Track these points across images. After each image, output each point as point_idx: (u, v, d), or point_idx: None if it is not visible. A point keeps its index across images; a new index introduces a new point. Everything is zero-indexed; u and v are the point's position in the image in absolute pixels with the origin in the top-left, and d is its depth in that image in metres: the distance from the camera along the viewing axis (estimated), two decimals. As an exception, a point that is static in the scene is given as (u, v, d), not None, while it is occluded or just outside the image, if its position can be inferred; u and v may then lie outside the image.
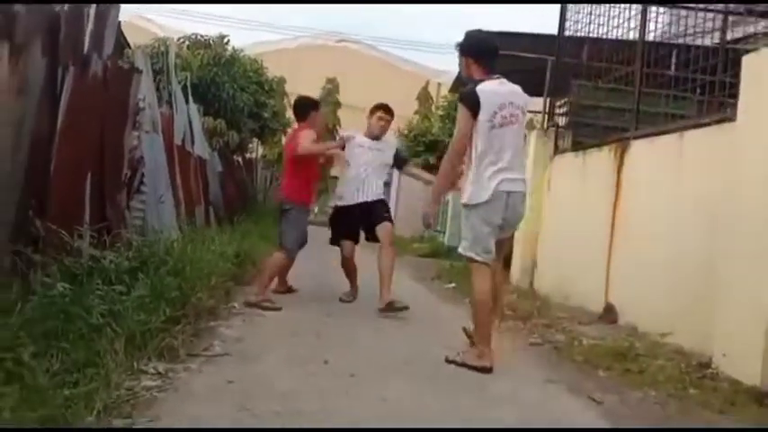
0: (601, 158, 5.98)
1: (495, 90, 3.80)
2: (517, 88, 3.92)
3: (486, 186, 3.75)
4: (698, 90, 4.95)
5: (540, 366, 4.11)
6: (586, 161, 6.30)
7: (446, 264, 9.57)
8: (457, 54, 4.03)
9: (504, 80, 3.86)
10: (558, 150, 7.20)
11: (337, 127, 29.74)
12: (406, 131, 16.38)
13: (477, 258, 3.82)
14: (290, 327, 4.54)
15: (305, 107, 6.05)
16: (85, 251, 3.67)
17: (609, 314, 5.51)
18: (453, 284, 7.70)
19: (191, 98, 10.19)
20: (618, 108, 6.42)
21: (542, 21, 10.98)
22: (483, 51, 3.94)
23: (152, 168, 7.36)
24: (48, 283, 3.29)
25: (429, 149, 15.73)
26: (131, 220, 6.28)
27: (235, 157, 16.90)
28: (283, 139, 27.77)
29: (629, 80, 6.21)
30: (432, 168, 16.21)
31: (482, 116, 3.71)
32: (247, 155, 18.81)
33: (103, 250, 4.40)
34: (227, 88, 12.44)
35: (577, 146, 6.69)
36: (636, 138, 5.52)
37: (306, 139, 5.50)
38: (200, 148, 10.38)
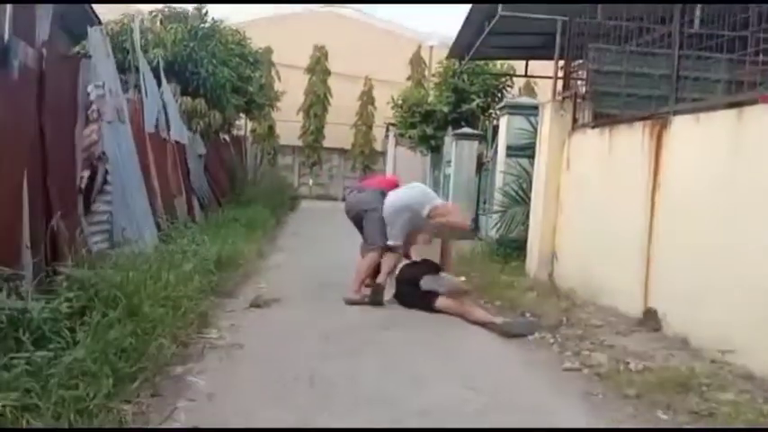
0: (632, 137, 5.14)
1: None
2: None
3: None
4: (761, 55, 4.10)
5: (584, 407, 3.35)
6: (614, 140, 5.46)
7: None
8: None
9: None
10: (576, 125, 6.34)
11: (328, 95, 28.62)
12: (399, 101, 15.40)
13: None
14: (277, 365, 3.75)
15: None
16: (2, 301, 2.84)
17: (650, 321, 4.74)
18: (464, 278, 6.92)
19: (164, 79, 9.25)
20: (649, 74, 5.54)
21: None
22: None
23: (118, 163, 6.51)
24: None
25: (425, 120, 14.79)
26: (90, 229, 5.49)
27: (222, 135, 15.98)
28: (272, 113, 26.90)
29: (661, 43, 5.33)
30: (428, 139, 15.34)
31: None
32: (235, 132, 17.80)
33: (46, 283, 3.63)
34: (205, 64, 11.41)
35: (601, 120, 5.83)
36: (677, 113, 4.67)
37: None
38: (178, 133, 9.48)
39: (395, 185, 6.07)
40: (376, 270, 5.70)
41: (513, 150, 8.00)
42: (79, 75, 5.04)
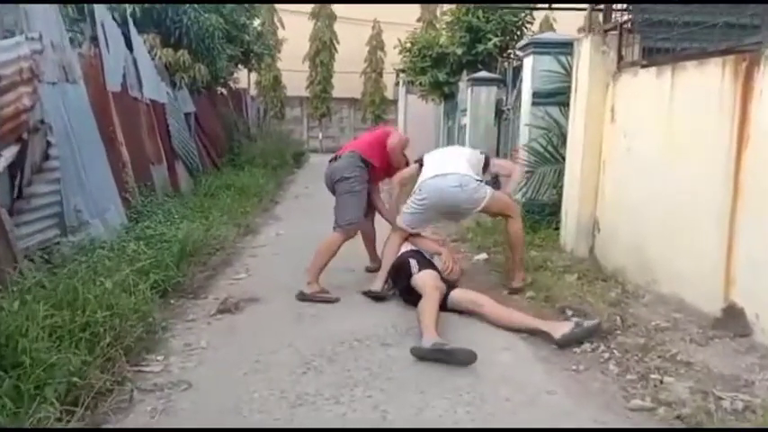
0: (706, 78, 3.89)
1: None
2: None
3: None
4: None
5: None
6: (678, 82, 4.21)
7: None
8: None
9: None
10: (623, 64, 5.08)
11: (334, 42, 27.04)
12: (408, 44, 13.97)
13: None
14: (232, 420, 2.70)
15: None
16: None
17: (733, 321, 3.59)
18: (485, 255, 5.81)
19: (133, 29, 8.02)
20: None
21: None
22: None
23: (67, 132, 5.43)
24: None
25: (437, 65, 13.39)
26: (26, 218, 4.48)
27: (219, 90, 14.78)
28: (277, 63, 25.37)
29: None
30: (441, 85, 13.96)
31: None
32: (234, 85, 16.52)
33: None
34: (188, 11, 10.13)
35: (658, 58, 4.57)
36: (776, 44, 3.42)
37: None
38: (153, 91, 8.31)
39: (380, 140, 4.94)
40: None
41: (539, 97, 6.71)
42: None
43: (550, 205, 6.31)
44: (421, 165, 4.80)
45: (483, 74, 10.61)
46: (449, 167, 4.57)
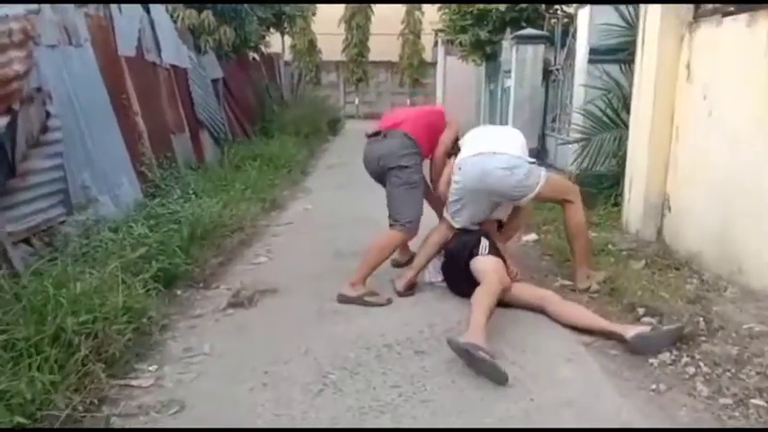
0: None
1: None
2: None
3: None
4: None
5: None
6: (779, 30, 3.44)
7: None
8: None
9: None
10: (702, 12, 4.29)
11: (370, 3, 26.07)
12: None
13: None
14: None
15: None
16: None
17: None
18: (535, 235, 5.15)
19: (150, -13, 7.45)
20: None
21: None
22: None
23: (71, 100, 4.95)
24: None
25: (478, 22, 12.49)
26: (22, 197, 4.04)
27: (251, 54, 14.20)
28: (312, 26, 24.60)
29: None
30: (483, 45, 13.05)
31: None
32: (266, 50, 15.87)
33: None
34: (213, -31, 9.54)
35: (748, 3, 3.78)
36: None
37: None
38: (174, 55, 7.78)
39: (431, 123, 4.08)
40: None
41: (597, 54, 5.91)
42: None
43: (609, 177, 5.58)
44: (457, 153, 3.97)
45: (529, 31, 9.74)
46: (498, 145, 3.80)
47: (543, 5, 11.04)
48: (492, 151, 3.74)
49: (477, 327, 2.90)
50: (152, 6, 7.31)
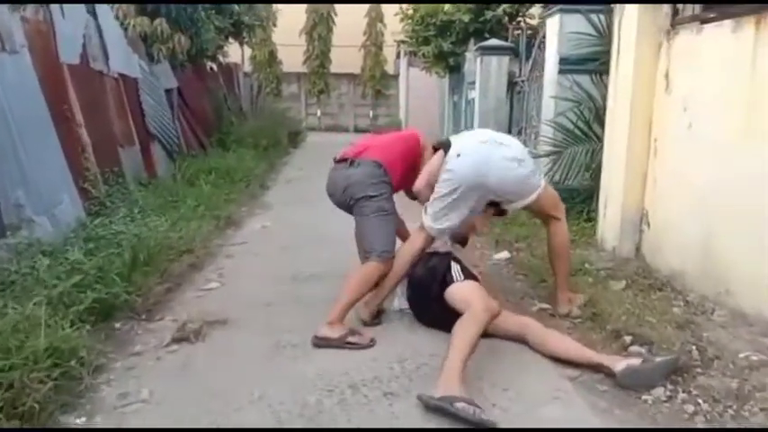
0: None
1: None
2: None
3: None
4: None
5: None
6: (762, 39, 3.24)
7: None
8: None
9: None
10: (680, 19, 4.09)
11: (332, 14, 25.78)
12: (410, 11, 12.89)
13: None
14: None
15: None
16: None
17: None
18: (507, 254, 4.88)
19: (97, -8, 6.99)
20: None
21: None
22: None
23: (3, 111, 4.52)
24: None
25: (441, 33, 12.31)
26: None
27: (208, 64, 13.77)
28: (272, 37, 24.19)
29: None
30: (446, 56, 12.85)
31: None
32: (224, 60, 15.40)
33: None
34: (166, -24, 9.11)
35: (733, 8, 3.58)
36: None
37: None
38: (123, 63, 7.33)
39: (409, 151, 3.69)
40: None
41: (567, 64, 5.71)
42: None
43: (582, 191, 5.36)
44: (446, 149, 3.47)
45: (494, 41, 9.55)
46: (503, 138, 3.48)
47: (506, 18, 10.91)
48: (499, 142, 3.38)
49: (452, 373, 2.55)
50: (99, 11, 6.87)
